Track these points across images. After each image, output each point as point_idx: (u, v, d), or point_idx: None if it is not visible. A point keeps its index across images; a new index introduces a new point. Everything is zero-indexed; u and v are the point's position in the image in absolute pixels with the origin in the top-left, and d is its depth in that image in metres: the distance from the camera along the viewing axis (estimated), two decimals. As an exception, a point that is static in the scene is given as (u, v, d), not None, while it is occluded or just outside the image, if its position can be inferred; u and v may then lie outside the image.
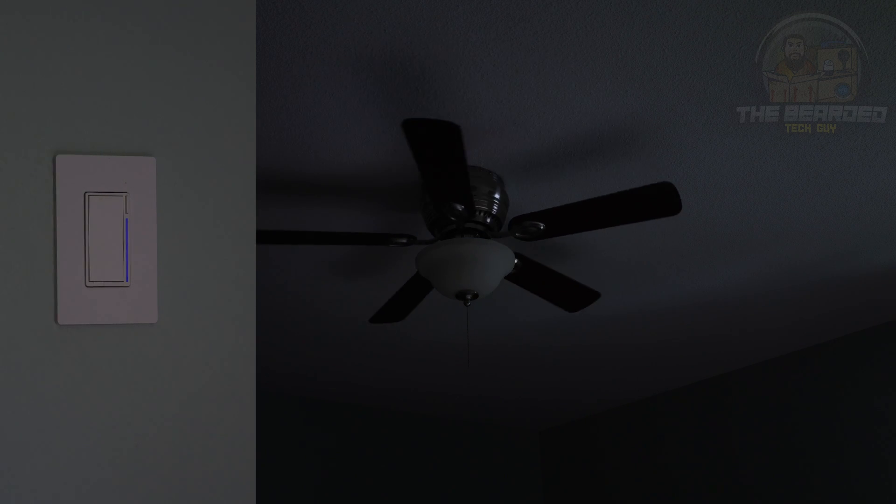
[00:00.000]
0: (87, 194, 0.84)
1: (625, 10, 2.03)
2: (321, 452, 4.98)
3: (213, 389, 0.87)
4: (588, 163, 2.67)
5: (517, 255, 2.81)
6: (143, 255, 0.85)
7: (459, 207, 2.56)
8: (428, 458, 5.38)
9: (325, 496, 4.91)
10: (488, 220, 2.72)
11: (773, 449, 4.43)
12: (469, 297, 2.70)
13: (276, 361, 4.39)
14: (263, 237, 2.66)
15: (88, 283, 0.84)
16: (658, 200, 2.53)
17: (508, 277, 2.92)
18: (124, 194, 0.85)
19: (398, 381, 4.77)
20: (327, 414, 5.06)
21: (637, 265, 3.37)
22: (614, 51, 2.17)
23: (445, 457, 5.45)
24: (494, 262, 2.67)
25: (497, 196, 2.71)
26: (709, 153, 2.62)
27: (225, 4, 0.89)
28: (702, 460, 4.81)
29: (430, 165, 2.38)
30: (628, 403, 5.28)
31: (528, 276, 2.95)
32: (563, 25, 2.08)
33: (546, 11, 2.04)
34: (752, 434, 4.55)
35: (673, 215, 2.58)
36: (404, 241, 2.75)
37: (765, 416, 4.49)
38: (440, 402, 5.19)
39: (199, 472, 0.87)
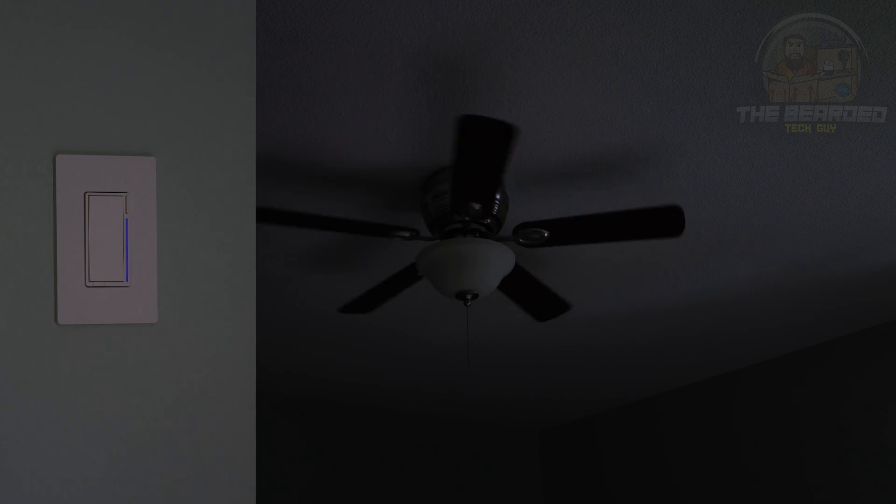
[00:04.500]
0: (87, 194, 0.84)
1: (625, 10, 2.03)
2: (320, 452, 4.98)
3: (213, 389, 0.87)
4: (586, 162, 2.67)
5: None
6: (143, 255, 0.85)
7: (476, 206, 2.56)
8: (428, 458, 5.38)
9: (324, 496, 4.91)
10: (488, 221, 2.72)
11: (775, 448, 4.43)
12: (469, 297, 2.69)
13: (275, 361, 4.39)
14: (265, 215, 2.59)
15: (88, 283, 0.84)
16: (664, 222, 2.59)
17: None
18: (124, 194, 0.85)
19: (398, 381, 4.77)
20: (326, 414, 5.06)
21: (637, 264, 3.37)
22: (614, 51, 2.17)
23: (445, 457, 5.45)
24: (494, 262, 2.67)
25: (497, 196, 2.71)
26: (709, 153, 2.62)
27: (225, 6, 0.89)
28: (703, 460, 4.81)
29: (469, 162, 2.36)
30: (629, 403, 5.28)
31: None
32: (563, 26, 2.08)
33: (545, 12, 2.04)
34: (753, 433, 4.55)
35: (674, 237, 2.63)
36: (407, 234, 2.72)
37: (766, 415, 4.49)
38: (440, 402, 5.19)
39: (199, 472, 0.87)
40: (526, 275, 2.96)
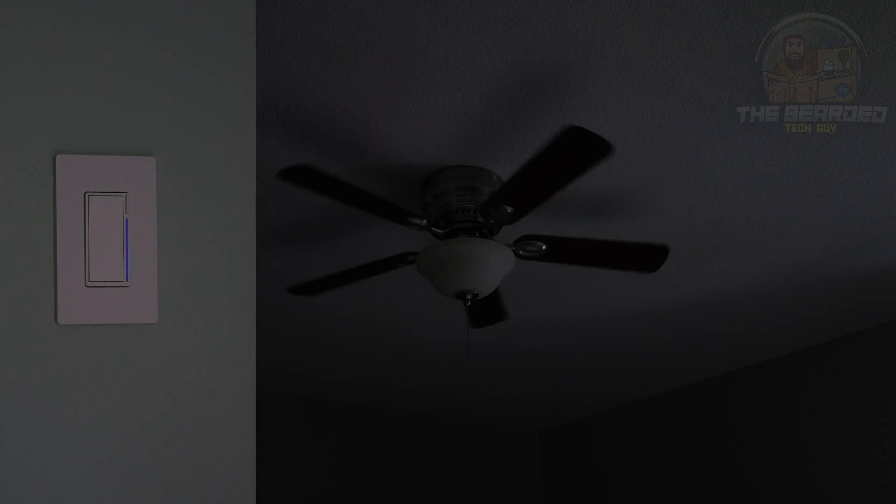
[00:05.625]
0: (87, 194, 0.84)
1: (625, 10, 2.03)
2: (320, 452, 4.98)
3: (213, 389, 0.87)
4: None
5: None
6: (143, 255, 0.85)
7: (509, 210, 2.57)
8: (428, 458, 5.38)
9: (324, 496, 4.91)
10: (491, 221, 2.72)
11: (775, 448, 4.43)
12: (469, 297, 2.69)
13: (275, 361, 4.39)
14: (293, 174, 2.43)
15: (88, 283, 0.84)
16: (649, 257, 2.78)
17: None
18: (124, 194, 0.85)
19: (398, 381, 4.77)
20: (327, 414, 5.06)
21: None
22: (614, 51, 2.17)
23: (445, 457, 5.45)
24: (494, 262, 2.67)
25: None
26: (709, 153, 2.62)
27: (225, 6, 0.89)
28: (703, 460, 4.81)
29: (543, 168, 2.36)
30: (629, 403, 5.28)
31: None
32: (563, 26, 2.08)
33: (545, 12, 2.04)
34: (753, 433, 4.55)
35: (648, 272, 2.85)
36: (419, 222, 2.69)
37: (766, 415, 4.49)
38: (440, 402, 5.19)
39: (199, 472, 0.87)
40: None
